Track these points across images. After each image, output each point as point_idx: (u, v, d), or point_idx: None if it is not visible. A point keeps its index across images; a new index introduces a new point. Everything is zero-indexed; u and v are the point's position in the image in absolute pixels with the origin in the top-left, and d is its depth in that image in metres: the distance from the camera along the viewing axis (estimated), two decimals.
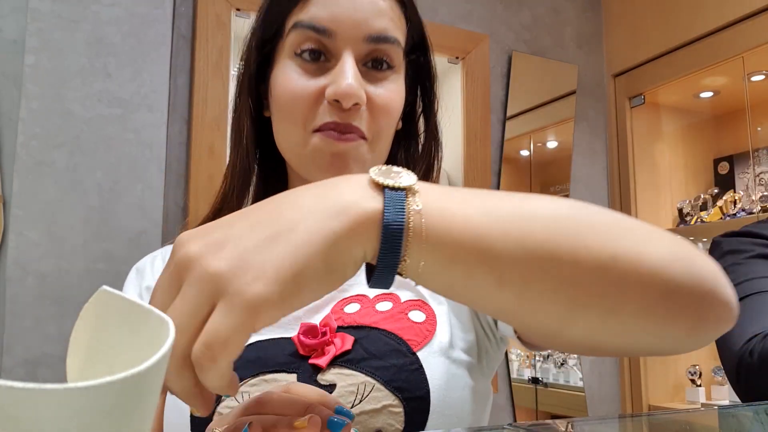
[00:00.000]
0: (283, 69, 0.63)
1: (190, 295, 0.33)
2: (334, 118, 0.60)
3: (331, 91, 0.59)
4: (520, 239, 0.38)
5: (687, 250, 0.44)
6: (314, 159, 0.62)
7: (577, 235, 0.41)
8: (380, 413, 0.55)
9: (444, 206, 0.38)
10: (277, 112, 0.64)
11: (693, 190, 2.27)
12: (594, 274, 0.39)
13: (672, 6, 2.06)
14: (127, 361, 0.24)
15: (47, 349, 1.32)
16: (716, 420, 0.68)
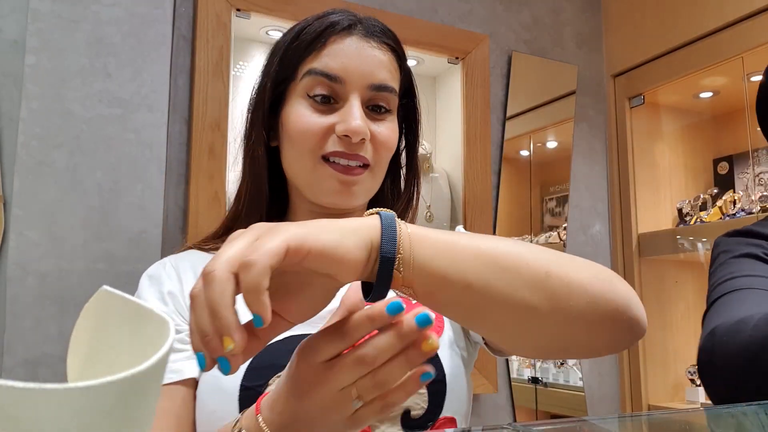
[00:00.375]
0: (296, 107, 0.74)
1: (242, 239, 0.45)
2: (342, 148, 0.72)
3: (342, 127, 0.71)
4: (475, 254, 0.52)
5: (607, 275, 0.57)
6: (322, 184, 0.74)
7: (519, 255, 0.53)
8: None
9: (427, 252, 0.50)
10: (288, 142, 0.75)
11: (692, 190, 2.27)
12: (532, 284, 0.52)
13: (672, 6, 2.06)
14: (127, 361, 0.24)
15: (47, 349, 1.32)
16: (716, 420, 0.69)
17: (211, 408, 0.67)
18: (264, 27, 1.76)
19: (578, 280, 0.53)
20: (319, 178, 0.74)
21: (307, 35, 0.74)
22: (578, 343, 0.58)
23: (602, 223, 2.21)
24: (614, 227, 2.21)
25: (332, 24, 0.75)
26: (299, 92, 0.74)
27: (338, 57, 0.73)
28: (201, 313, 0.42)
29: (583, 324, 0.54)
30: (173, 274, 0.77)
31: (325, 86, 0.73)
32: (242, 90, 1.79)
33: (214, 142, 1.57)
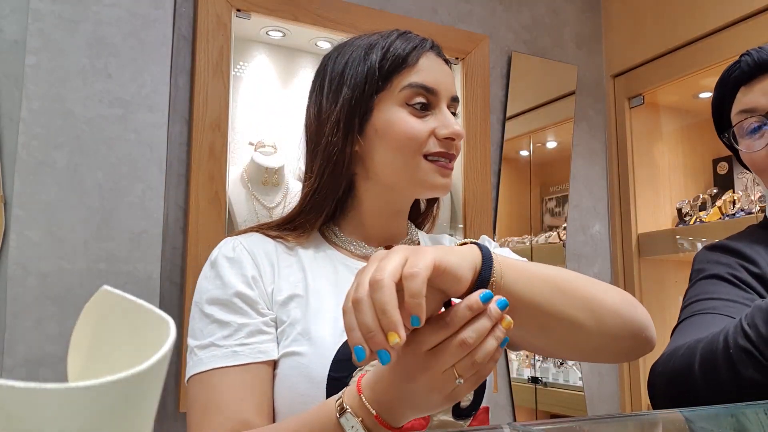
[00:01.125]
0: (395, 114, 0.83)
1: (390, 260, 0.57)
2: (444, 149, 0.85)
3: (447, 131, 0.84)
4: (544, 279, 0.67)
5: (631, 299, 0.73)
6: (426, 179, 0.85)
7: (571, 281, 0.69)
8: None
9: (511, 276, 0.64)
10: (386, 145, 0.84)
11: (692, 190, 2.27)
12: (582, 305, 0.68)
13: (671, 6, 2.06)
14: (127, 361, 0.24)
15: (48, 349, 1.32)
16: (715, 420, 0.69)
17: (300, 391, 0.75)
18: (264, 27, 1.76)
19: (612, 303, 0.69)
20: (424, 174, 0.84)
21: (397, 52, 0.84)
22: (608, 351, 0.74)
23: (602, 223, 2.21)
24: (614, 227, 2.21)
25: (420, 43, 0.86)
26: (396, 101, 0.83)
27: (430, 72, 0.85)
28: (367, 312, 0.53)
29: (613, 337, 0.70)
30: (250, 260, 0.82)
31: (424, 96, 0.84)
32: (242, 90, 1.79)
33: (214, 142, 1.58)
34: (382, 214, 0.89)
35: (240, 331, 0.77)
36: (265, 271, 0.82)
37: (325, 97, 0.87)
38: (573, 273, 0.71)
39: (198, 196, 1.55)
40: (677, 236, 2.06)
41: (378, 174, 0.86)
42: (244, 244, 0.83)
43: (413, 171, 0.84)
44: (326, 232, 0.90)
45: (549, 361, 2.14)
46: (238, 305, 0.78)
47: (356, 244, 0.88)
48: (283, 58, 1.87)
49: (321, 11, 1.74)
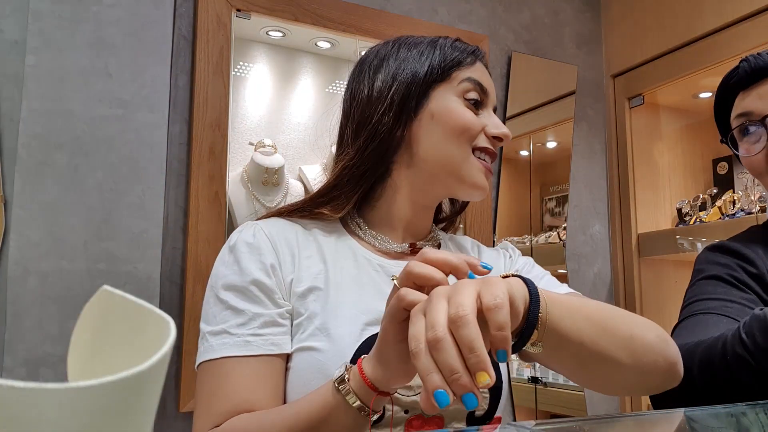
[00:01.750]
0: (453, 103, 0.85)
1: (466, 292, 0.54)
2: (489, 145, 0.86)
3: (496, 131, 0.85)
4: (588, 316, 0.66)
5: (664, 335, 0.73)
6: (472, 174, 0.84)
7: (613, 319, 0.68)
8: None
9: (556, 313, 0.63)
10: (441, 133, 0.84)
11: (692, 190, 2.27)
12: (622, 345, 0.67)
13: (671, 6, 2.06)
14: (128, 361, 0.24)
15: (48, 349, 1.32)
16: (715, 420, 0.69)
17: (315, 388, 0.72)
18: (264, 27, 1.76)
19: (649, 341, 0.70)
20: (470, 169, 0.84)
21: (461, 48, 0.87)
22: (640, 386, 0.75)
23: (602, 223, 2.21)
24: (614, 227, 2.21)
25: (477, 49, 0.90)
26: (454, 92, 0.85)
27: (484, 75, 0.88)
28: (451, 352, 0.49)
29: (647, 374, 0.70)
30: (270, 247, 0.80)
31: (479, 93, 0.86)
32: (242, 90, 1.80)
33: (214, 142, 1.58)
34: (414, 205, 0.88)
35: (254, 320, 0.75)
36: (285, 260, 0.80)
37: (382, 79, 0.86)
38: (612, 308, 0.71)
39: (198, 196, 1.55)
40: (677, 236, 2.06)
41: (424, 160, 0.85)
42: (266, 231, 0.81)
43: (461, 162, 0.84)
44: (350, 222, 0.88)
45: None
46: (254, 293, 0.76)
47: (380, 239, 0.87)
48: (283, 58, 1.87)
49: (321, 11, 1.74)
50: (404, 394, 0.74)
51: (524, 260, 0.96)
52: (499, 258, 0.95)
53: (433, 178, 0.85)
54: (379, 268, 0.84)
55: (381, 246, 0.87)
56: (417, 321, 0.53)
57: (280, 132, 1.78)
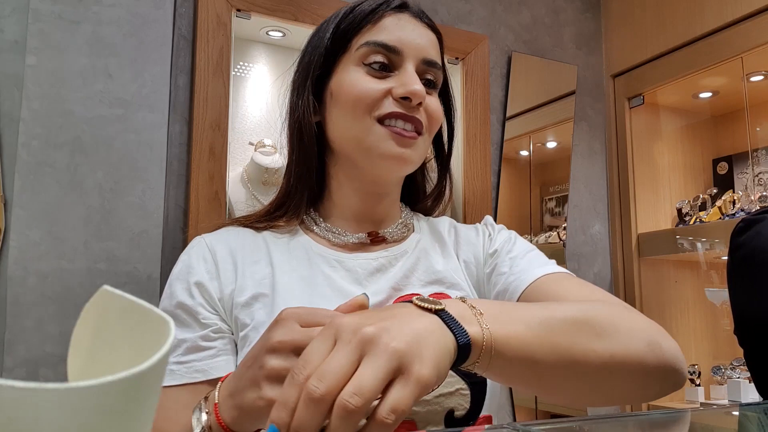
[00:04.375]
0: (349, 73, 0.76)
1: (377, 366, 0.42)
2: (401, 109, 0.74)
3: (402, 90, 0.74)
4: (551, 348, 0.54)
5: (657, 339, 0.62)
6: (378, 146, 0.74)
7: (588, 341, 0.56)
8: (453, 395, 0.69)
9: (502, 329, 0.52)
10: (339, 109, 0.76)
11: (692, 190, 2.27)
12: (598, 368, 0.56)
13: (671, 6, 2.06)
14: (127, 361, 0.24)
15: (48, 349, 1.32)
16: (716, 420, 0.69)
17: None
18: (264, 27, 1.76)
19: (635, 355, 0.59)
20: (376, 140, 0.74)
21: (362, 10, 0.77)
22: (628, 399, 0.67)
23: (602, 223, 2.21)
24: (614, 227, 2.21)
25: (385, 2, 0.78)
26: (353, 61, 0.76)
27: (395, 30, 0.76)
28: (315, 417, 0.41)
29: (635, 388, 0.61)
30: (205, 261, 0.76)
31: (382, 55, 0.75)
32: (242, 90, 1.79)
33: (214, 142, 1.58)
34: (360, 193, 0.80)
35: (178, 347, 0.71)
36: (226, 269, 0.75)
37: (295, 69, 0.82)
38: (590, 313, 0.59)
39: (198, 196, 1.55)
40: (677, 236, 2.06)
41: (339, 145, 0.78)
42: (208, 243, 0.78)
43: (364, 135, 0.74)
44: (305, 219, 0.82)
45: None
46: (181, 317, 0.72)
47: (336, 232, 0.80)
48: (283, 58, 1.87)
49: (321, 11, 1.74)
50: None
51: (505, 236, 0.85)
52: (477, 236, 0.86)
53: (353, 162, 0.78)
54: (336, 264, 0.78)
55: (337, 240, 0.80)
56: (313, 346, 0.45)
57: (280, 132, 1.77)
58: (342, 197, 0.81)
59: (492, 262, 0.82)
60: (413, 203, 0.91)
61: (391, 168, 0.76)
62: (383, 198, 0.82)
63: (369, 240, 0.81)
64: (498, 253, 0.82)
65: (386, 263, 0.79)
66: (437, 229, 0.87)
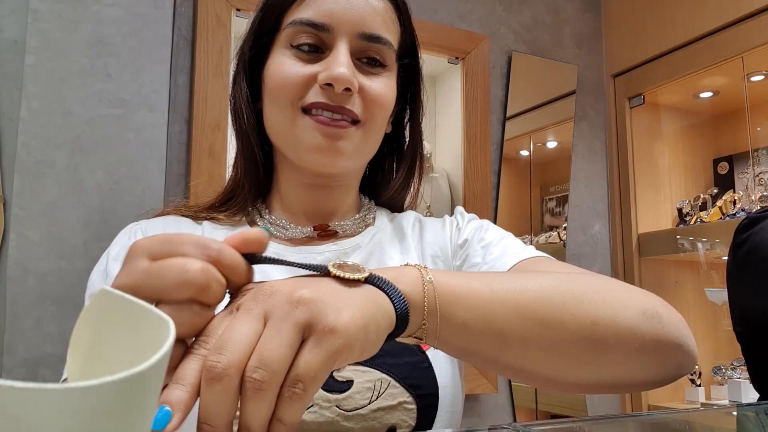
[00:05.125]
0: (277, 58, 0.67)
1: (281, 327, 0.35)
2: (325, 99, 0.64)
3: (324, 75, 0.63)
4: (515, 309, 0.47)
5: (655, 308, 0.53)
6: (303, 139, 0.65)
7: (563, 304, 0.49)
8: (396, 409, 0.60)
9: (450, 282, 0.46)
10: (268, 97, 0.69)
11: (692, 190, 2.27)
12: (579, 336, 0.48)
13: (671, 6, 2.06)
14: (127, 361, 0.24)
15: (48, 349, 1.32)
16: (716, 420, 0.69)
17: None
18: None
19: (626, 323, 0.50)
20: (301, 132, 0.65)
21: None
22: (623, 383, 0.54)
23: (602, 223, 2.21)
24: (614, 227, 2.21)
25: None
26: (282, 43, 0.67)
27: (325, 3, 0.65)
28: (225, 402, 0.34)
29: (630, 366, 0.52)
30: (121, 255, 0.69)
31: (311, 35, 0.66)
32: None
33: (214, 142, 1.58)
34: (304, 186, 0.72)
35: None
36: None
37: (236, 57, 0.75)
38: (571, 281, 0.51)
39: (198, 196, 1.54)
40: (677, 236, 2.06)
41: (272, 136, 0.71)
42: (142, 227, 0.72)
43: (288, 128, 0.66)
44: (251, 212, 0.75)
45: None
46: None
47: (280, 225, 0.72)
48: None
49: None
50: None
51: (476, 225, 0.76)
52: (444, 229, 0.77)
53: (285, 154, 0.70)
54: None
55: (279, 233, 0.71)
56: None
57: None
58: (288, 189, 0.73)
59: (462, 253, 0.73)
60: (376, 196, 0.81)
61: (322, 162, 0.66)
62: (333, 190, 0.73)
63: (316, 234, 0.72)
64: (469, 243, 0.73)
65: (333, 258, 0.69)
66: (400, 224, 0.78)
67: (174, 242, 0.38)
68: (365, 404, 0.58)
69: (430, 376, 0.63)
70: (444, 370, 0.64)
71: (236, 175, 0.74)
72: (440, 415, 0.62)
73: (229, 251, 0.39)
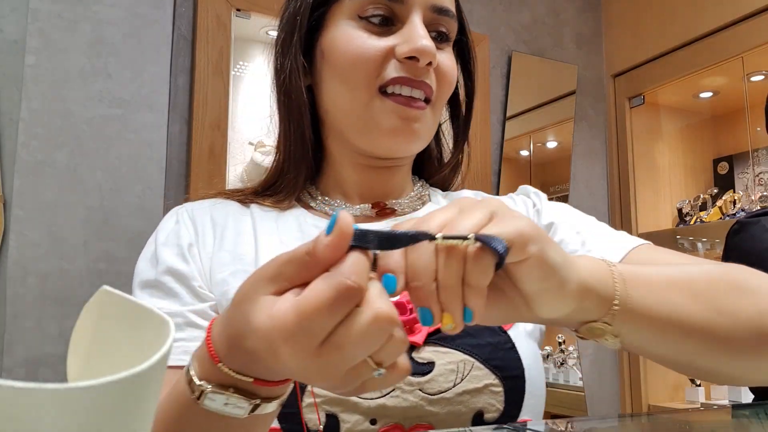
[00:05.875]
0: (343, 30, 0.62)
1: (476, 213, 0.37)
2: (406, 73, 0.60)
3: (406, 48, 0.59)
4: (692, 296, 0.47)
5: None
6: (379, 122, 0.61)
7: (728, 293, 0.48)
8: (482, 393, 0.56)
9: (637, 280, 0.44)
10: (333, 74, 0.63)
11: (692, 190, 2.27)
12: (750, 326, 0.48)
13: (672, 6, 2.06)
14: (127, 361, 0.24)
15: (48, 349, 1.32)
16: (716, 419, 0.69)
17: None
18: (264, 27, 1.76)
19: (761, 317, 0.49)
20: (376, 115, 0.61)
21: None
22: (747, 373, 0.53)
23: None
24: (614, 227, 2.20)
25: None
26: (346, 14, 0.62)
27: None
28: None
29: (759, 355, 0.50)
30: (191, 228, 0.65)
31: (382, 6, 0.61)
32: (242, 90, 1.79)
33: (214, 142, 1.58)
34: (359, 168, 0.68)
35: None
36: (206, 243, 0.64)
37: (279, 22, 0.70)
38: (719, 278, 0.50)
39: (198, 196, 1.54)
40: (677, 236, 2.06)
41: (332, 115, 0.65)
42: (188, 210, 0.68)
43: (362, 109, 0.61)
44: (302, 194, 0.70)
45: (549, 361, 2.14)
46: (168, 286, 0.60)
47: (335, 204, 0.68)
48: None
49: None
50: (365, 396, 0.53)
51: (560, 208, 0.71)
52: (516, 208, 0.71)
53: (346, 136, 0.65)
54: None
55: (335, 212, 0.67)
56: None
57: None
58: (342, 170, 0.68)
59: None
60: (427, 176, 0.77)
61: (395, 146, 0.63)
62: (391, 171, 0.69)
63: (374, 212, 0.68)
64: (556, 227, 0.68)
65: None
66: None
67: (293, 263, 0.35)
68: (449, 387, 0.55)
69: (515, 357, 0.59)
70: (527, 351, 0.60)
71: (281, 159, 0.68)
72: (527, 399, 0.58)
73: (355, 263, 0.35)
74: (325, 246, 0.34)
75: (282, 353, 0.34)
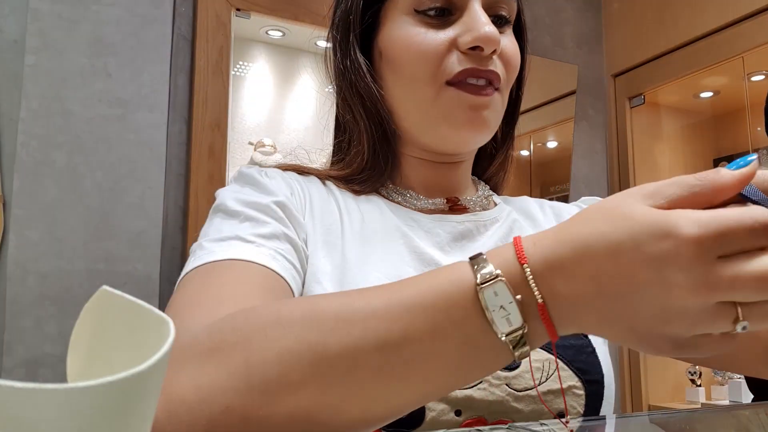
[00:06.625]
0: (400, 26, 0.60)
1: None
2: (473, 64, 0.58)
3: (469, 37, 0.57)
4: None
5: None
6: (448, 115, 0.59)
7: None
8: (565, 394, 0.55)
9: None
10: (394, 74, 0.62)
11: None
12: None
13: (672, 6, 2.06)
14: (127, 361, 0.24)
15: (47, 349, 1.32)
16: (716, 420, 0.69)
17: None
18: (264, 27, 1.76)
19: None
20: (445, 109, 0.59)
21: None
22: None
23: None
24: None
25: None
26: (402, 9, 0.60)
27: None
28: None
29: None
30: (285, 186, 0.61)
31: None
32: (242, 90, 1.79)
33: (214, 142, 1.57)
34: (421, 165, 0.66)
35: (280, 238, 0.53)
36: (300, 206, 0.60)
37: (331, 23, 0.68)
38: None
39: (198, 196, 1.54)
40: None
41: (397, 114, 0.64)
42: (281, 171, 0.64)
43: (429, 104, 0.60)
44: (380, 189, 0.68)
45: None
46: (279, 215, 0.56)
47: (410, 195, 0.65)
48: (283, 57, 1.87)
49: (321, 11, 1.74)
50: None
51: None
52: None
53: (411, 134, 0.64)
54: (413, 223, 0.62)
55: (410, 203, 0.65)
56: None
57: (280, 132, 1.78)
58: (406, 166, 0.66)
59: None
60: (480, 171, 0.74)
61: (466, 139, 0.61)
62: (456, 167, 0.67)
63: (448, 206, 0.66)
64: None
65: (473, 229, 0.64)
66: (521, 206, 0.72)
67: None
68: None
69: (596, 361, 0.58)
70: (604, 357, 0.59)
71: (367, 156, 0.64)
72: (604, 406, 0.57)
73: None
74: (729, 176, 0.33)
75: (670, 273, 0.31)
